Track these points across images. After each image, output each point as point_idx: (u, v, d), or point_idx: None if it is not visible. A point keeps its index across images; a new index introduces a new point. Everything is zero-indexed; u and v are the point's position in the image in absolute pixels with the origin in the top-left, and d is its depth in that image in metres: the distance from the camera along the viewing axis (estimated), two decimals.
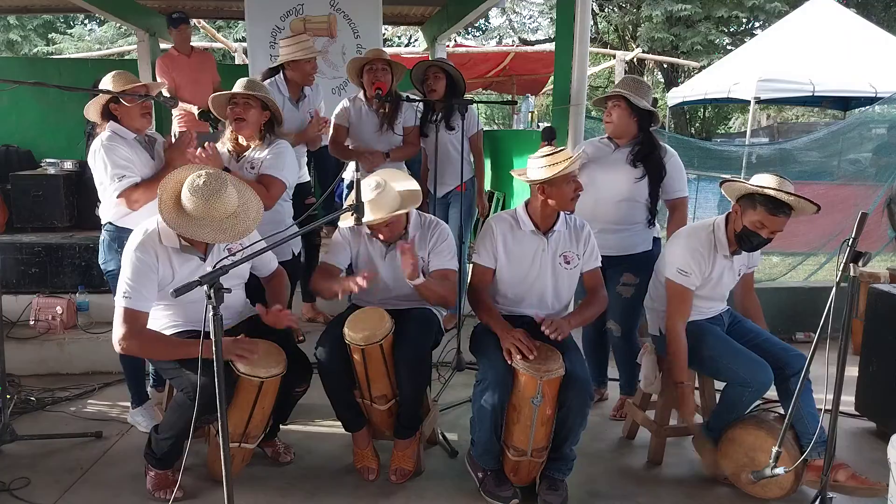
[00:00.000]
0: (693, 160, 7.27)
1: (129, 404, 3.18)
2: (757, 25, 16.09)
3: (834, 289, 2.07)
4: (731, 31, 16.63)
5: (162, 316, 2.60)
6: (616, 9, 17.31)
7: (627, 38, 16.88)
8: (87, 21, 18.45)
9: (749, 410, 2.72)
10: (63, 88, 3.10)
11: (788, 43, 8.98)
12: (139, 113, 2.84)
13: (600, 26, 17.31)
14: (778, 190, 2.48)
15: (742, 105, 13.22)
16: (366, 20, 5.49)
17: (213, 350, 1.78)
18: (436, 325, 2.78)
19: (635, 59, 12.88)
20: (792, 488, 2.56)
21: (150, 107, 2.88)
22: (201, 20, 8.70)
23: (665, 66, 16.70)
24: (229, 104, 2.96)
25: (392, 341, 2.60)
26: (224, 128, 3.10)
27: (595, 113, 8.62)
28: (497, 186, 6.35)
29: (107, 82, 2.82)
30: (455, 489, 2.70)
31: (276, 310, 2.54)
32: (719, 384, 2.80)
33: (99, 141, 2.81)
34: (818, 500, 2.23)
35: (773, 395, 2.75)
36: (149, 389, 3.23)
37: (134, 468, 2.75)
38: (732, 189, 2.63)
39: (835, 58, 8.48)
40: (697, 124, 18.12)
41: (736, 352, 2.67)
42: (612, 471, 2.90)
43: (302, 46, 3.58)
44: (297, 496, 2.64)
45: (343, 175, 3.89)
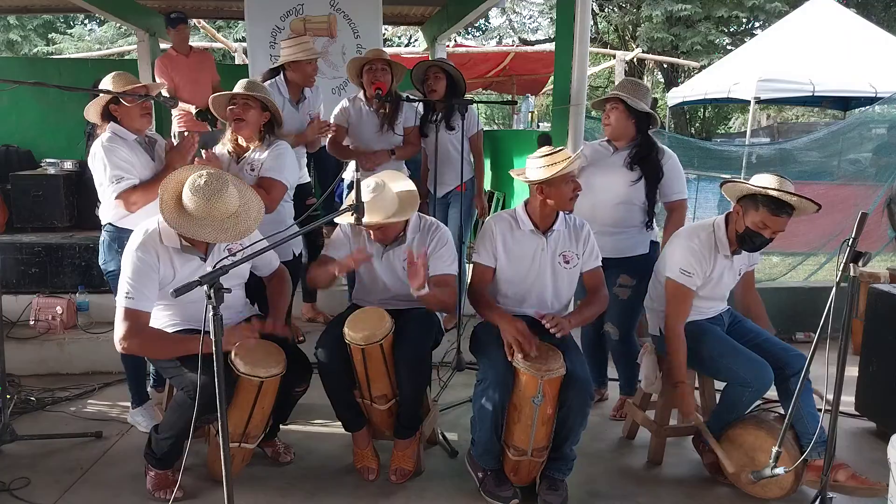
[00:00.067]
0: (693, 160, 7.27)
1: (129, 404, 3.19)
2: (757, 25, 16.10)
3: (834, 289, 2.07)
4: (731, 31, 16.63)
5: (162, 315, 2.60)
6: (616, 9, 17.32)
7: (627, 38, 16.89)
8: (87, 21, 18.46)
9: (749, 410, 2.72)
10: (63, 88, 3.11)
11: (788, 43, 8.98)
12: (139, 113, 2.84)
13: (600, 26, 17.31)
14: (780, 191, 2.48)
15: (742, 105, 13.22)
16: (366, 20, 5.48)
17: (214, 351, 1.78)
18: (436, 326, 2.78)
19: (635, 59, 12.86)
20: (792, 488, 2.56)
21: (150, 107, 2.89)
22: (201, 20, 8.68)
23: (665, 66, 16.71)
24: (229, 105, 2.96)
25: (392, 341, 2.59)
26: (223, 126, 3.11)
27: (595, 113, 8.60)
28: (497, 186, 6.34)
29: (107, 83, 2.83)
30: (455, 489, 2.70)
31: (270, 325, 2.57)
32: (719, 384, 2.80)
33: (99, 142, 2.82)
34: (818, 500, 2.23)
35: (774, 395, 2.75)
36: (149, 389, 3.23)
37: (134, 468, 2.75)
38: (733, 190, 2.63)
39: (835, 58, 8.47)
40: (697, 124, 18.14)
41: (736, 352, 2.67)
42: (612, 471, 2.90)
43: (303, 47, 3.57)
44: (297, 496, 2.64)
45: (343, 175, 3.89)
